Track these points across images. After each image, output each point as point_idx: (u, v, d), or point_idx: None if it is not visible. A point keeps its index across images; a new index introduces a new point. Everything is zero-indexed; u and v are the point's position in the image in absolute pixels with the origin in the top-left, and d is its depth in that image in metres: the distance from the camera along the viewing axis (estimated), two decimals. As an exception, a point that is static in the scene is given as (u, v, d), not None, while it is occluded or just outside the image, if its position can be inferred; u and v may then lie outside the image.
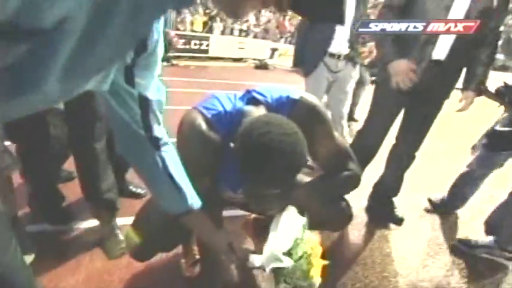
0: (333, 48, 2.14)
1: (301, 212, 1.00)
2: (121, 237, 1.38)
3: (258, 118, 0.80)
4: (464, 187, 1.90)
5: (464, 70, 1.61)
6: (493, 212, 1.63)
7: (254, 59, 9.51)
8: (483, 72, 1.56)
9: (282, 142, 0.74)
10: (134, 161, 0.75)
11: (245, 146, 0.77)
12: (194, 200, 0.78)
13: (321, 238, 1.07)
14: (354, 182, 1.04)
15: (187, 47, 8.38)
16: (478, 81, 1.57)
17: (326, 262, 0.86)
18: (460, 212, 2.01)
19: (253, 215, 1.44)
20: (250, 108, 0.92)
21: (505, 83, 1.64)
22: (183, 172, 0.77)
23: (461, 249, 1.62)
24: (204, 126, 0.89)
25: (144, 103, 0.64)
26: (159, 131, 0.70)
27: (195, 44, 8.58)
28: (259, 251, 1.38)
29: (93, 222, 1.51)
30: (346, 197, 1.13)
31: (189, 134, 0.89)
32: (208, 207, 0.98)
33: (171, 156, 0.73)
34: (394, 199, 1.90)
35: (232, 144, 0.84)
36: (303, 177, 1.04)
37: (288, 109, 0.94)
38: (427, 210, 2.04)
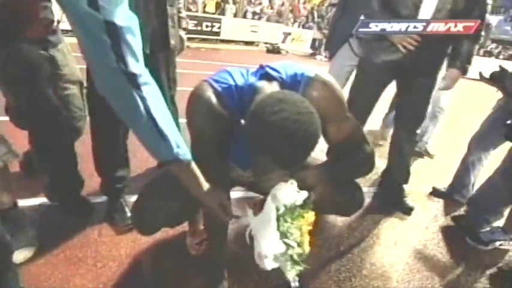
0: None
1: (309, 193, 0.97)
2: (129, 213, 1.39)
3: (271, 95, 0.75)
4: (464, 173, 1.88)
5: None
6: (479, 188, 1.63)
7: (266, 43, 9.32)
8: (469, 50, 1.53)
9: (295, 122, 0.69)
10: (114, 103, 0.68)
11: (256, 124, 0.72)
12: (182, 150, 0.74)
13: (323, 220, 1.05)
14: (367, 165, 0.99)
15: (199, 28, 8.24)
16: (464, 59, 1.54)
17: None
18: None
19: (261, 197, 1.42)
20: (262, 83, 0.87)
21: (500, 66, 1.61)
22: (169, 118, 0.71)
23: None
24: (213, 99, 0.85)
25: (113, 31, 0.57)
26: (135, 66, 0.63)
27: (207, 26, 8.42)
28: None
29: (101, 198, 1.52)
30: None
31: (197, 105, 0.85)
32: (217, 185, 0.97)
33: (154, 99, 0.67)
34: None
35: (243, 121, 0.80)
36: (314, 159, 1.01)
37: (302, 86, 0.89)
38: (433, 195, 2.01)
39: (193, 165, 0.80)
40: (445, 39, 1.49)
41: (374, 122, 1.53)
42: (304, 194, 0.82)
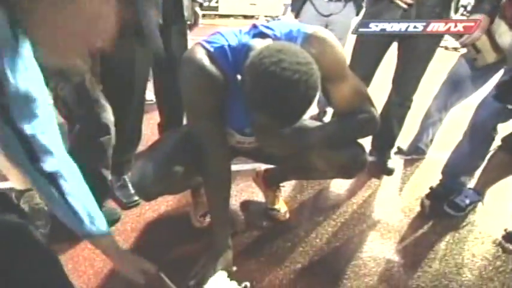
0: None
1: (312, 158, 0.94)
2: (132, 190, 1.39)
3: (268, 46, 0.71)
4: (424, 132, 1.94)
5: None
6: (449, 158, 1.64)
7: (266, 16, 9.00)
8: None
9: (295, 72, 0.66)
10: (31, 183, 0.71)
11: (255, 76, 0.68)
12: (96, 225, 0.74)
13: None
14: (371, 125, 0.95)
15: (196, 4, 7.98)
16: (494, 2, 1.33)
17: None
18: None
19: (263, 167, 1.41)
20: (256, 41, 0.82)
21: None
22: (86, 195, 0.72)
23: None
24: (206, 60, 0.81)
25: (24, 139, 0.59)
26: (51, 164, 0.65)
27: (204, 1, 8.13)
28: (270, 202, 1.39)
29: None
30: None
31: (190, 67, 0.81)
32: (219, 153, 0.95)
33: (70, 183, 0.69)
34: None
35: (239, 76, 0.76)
36: (314, 122, 0.97)
37: (299, 43, 0.84)
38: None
39: (111, 238, 0.81)
40: None
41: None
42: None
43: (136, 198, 1.37)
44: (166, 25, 1.24)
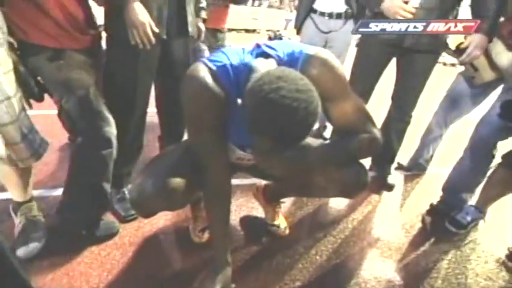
0: (319, 5, 1.91)
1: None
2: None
3: (269, 72, 0.72)
4: (424, 148, 1.95)
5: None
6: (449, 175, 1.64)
7: (268, 30, 9.16)
8: (497, 8, 1.31)
9: (295, 100, 0.66)
10: None
11: (254, 102, 0.69)
12: None
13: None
14: (373, 145, 0.95)
15: (199, 18, 8.13)
16: (492, 20, 1.32)
17: None
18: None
19: (263, 182, 1.40)
20: (259, 62, 0.84)
21: None
22: None
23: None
24: (208, 78, 0.82)
25: None
26: None
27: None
28: (270, 218, 1.38)
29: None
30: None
31: (191, 85, 0.82)
32: (219, 169, 0.95)
33: None
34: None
35: (239, 101, 0.77)
36: (315, 140, 0.97)
37: (301, 64, 0.85)
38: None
39: None
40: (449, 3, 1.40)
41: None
42: None
43: (133, 212, 1.36)
44: (169, 38, 1.25)
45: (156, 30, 1.13)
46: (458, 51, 1.47)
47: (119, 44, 1.18)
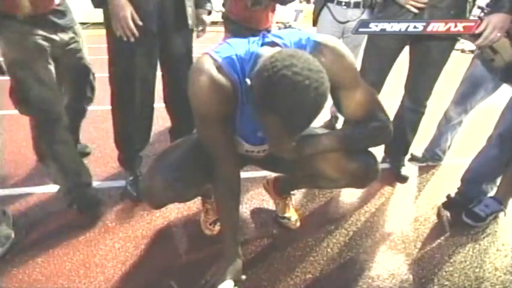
0: None
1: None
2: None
3: (281, 51, 0.71)
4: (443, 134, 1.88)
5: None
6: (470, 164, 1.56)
7: (278, 22, 9.04)
8: None
9: (307, 77, 0.65)
10: None
11: (266, 78, 0.67)
12: None
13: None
14: (384, 134, 0.93)
15: (208, 11, 8.10)
16: None
17: None
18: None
19: (273, 174, 1.40)
20: (265, 49, 0.82)
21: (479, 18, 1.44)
22: None
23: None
24: (213, 70, 0.81)
25: None
26: None
27: (212, 8, 8.23)
28: (280, 210, 1.37)
29: (116, 183, 1.56)
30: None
31: (197, 78, 0.81)
32: (228, 161, 0.95)
33: None
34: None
35: (248, 80, 0.75)
36: (325, 130, 0.95)
37: (309, 52, 0.83)
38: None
39: None
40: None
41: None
42: None
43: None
44: (167, 31, 1.26)
45: (140, 23, 1.15)
46: (475, 34, 1.40)
47: (116, 37, 1.19)
